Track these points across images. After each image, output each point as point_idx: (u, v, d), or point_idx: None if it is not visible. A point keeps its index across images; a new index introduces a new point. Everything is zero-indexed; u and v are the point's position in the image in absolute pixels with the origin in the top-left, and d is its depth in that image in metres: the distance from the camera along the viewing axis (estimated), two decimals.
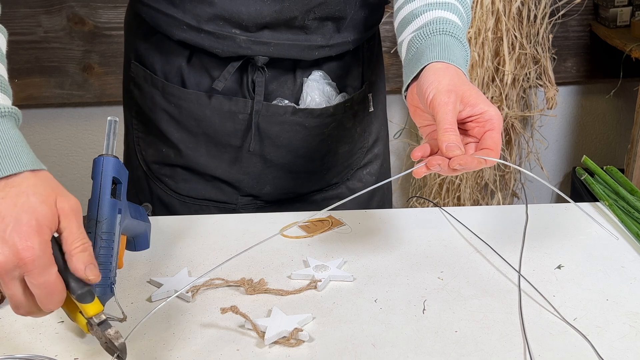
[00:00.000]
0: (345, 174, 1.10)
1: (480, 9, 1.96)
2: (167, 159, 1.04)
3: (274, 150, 1.02)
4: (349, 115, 1.04)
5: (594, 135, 2.42)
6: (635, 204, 0.96)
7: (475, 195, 2.23)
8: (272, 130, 1.00)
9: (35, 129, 2.31)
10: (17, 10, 2.10)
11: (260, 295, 0.79)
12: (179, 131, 1.01)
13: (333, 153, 1.06)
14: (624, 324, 0.73)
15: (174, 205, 1.07)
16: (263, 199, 1.07)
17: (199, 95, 0.98)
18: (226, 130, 1.00)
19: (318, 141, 1.03)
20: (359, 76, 1.05)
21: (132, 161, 1.09)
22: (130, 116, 1.07)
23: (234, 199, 1.06)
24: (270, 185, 1.05)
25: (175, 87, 0.99)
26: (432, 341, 0.70)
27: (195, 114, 1.00)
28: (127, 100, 1.08)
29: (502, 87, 2.07)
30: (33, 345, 0.71)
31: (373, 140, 1.12)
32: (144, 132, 1.05)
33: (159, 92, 1.00)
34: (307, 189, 1.08)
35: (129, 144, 1.09)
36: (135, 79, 1.03)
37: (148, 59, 1.01)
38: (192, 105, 0.99)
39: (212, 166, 1.03)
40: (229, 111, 0.98)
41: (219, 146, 1.02)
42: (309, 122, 1.00)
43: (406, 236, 0.92)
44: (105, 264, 0.71)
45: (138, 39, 1.02)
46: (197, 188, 1.05)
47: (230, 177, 1.04)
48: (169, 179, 1.05)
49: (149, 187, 1.07)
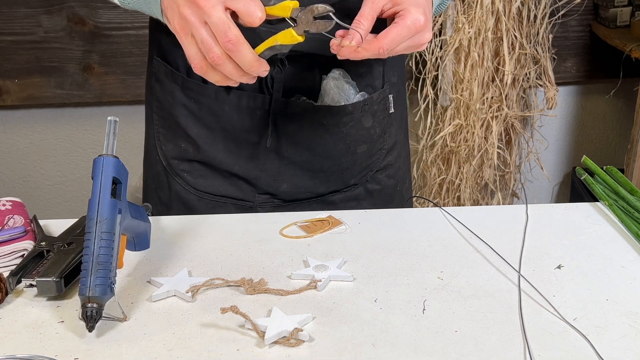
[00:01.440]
0: (364, 175, 1.09)
1: (480, 9, 1.96)
2: (186, 155, 1.05)
3: (292, 148, 1.02)
4: (367, 115, 1.04)
5: (594, 135, 2.42)
6: (635, 204, 0.96)
7: (475, 195, 2.23)
8: (289, 127, 1.00)
9: (35, 129, 2.31)
10: (17, 10, 2.11)
11: (260, 295, 0.79)
12: (198, 127, 1.02)
13: (352, 153, 1.05)
14: (624, 324, 0.73)
15: (192, 201, 1.07)
16: (280, 197, 1.07)
17: (218, 90, 0.99)
18: (244, 126, 1.00)
19: (336, 140, 1.03)
20: (380, 76, 1.04)
21: (152, 156, 1.10)
22: (151, 111, 1.08)
23: (252, 196, 1.06)
24: (287, 184, 1.05)
25: (194, 83, 1.00)
26: (432, 341, 0.70)
27: (213, 110, 1.00)
28: (148, 96, 1.09)
29: (502, 87, 2.07)
30: (33, 345, 0.71)
31: (393, 142, 1.11)
32: (164, 128, 1.06)
33: (178, 88, 1.01)
34: (324, 189, 1.08)
35: (149, 139, 1.10)
36: (157, 75, 1.05)
37: (170, 55, 1.02)
38: (210, 100, 1.00)
39: (230, 162, 1.03)
40: (247, 107, 0.99)
41: (237, 142, 1.02)
42: (327, 120, 1.00)
43: (406, 236, 0.92)
44: (105, 264, 0.71)
45: (161, 34, 1.03)
46: (215, 184, 1.06)
47: (247, 174, 1.04)
48: (188, 174, 1.06)
49: (167, 182, 1.08)
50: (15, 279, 0.79)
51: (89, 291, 0.70)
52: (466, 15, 1.99)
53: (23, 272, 0.80)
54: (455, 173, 2.17)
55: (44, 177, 2.39)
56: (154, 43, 1.06)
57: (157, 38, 1.05)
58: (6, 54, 2.16)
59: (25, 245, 0.87)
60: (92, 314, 0.70)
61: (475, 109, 2.06)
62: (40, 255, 0.84)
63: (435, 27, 2.05)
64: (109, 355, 0.69)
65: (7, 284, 0.79)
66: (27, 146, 2.35)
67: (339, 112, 1.00)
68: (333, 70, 1.00)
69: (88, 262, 0.71)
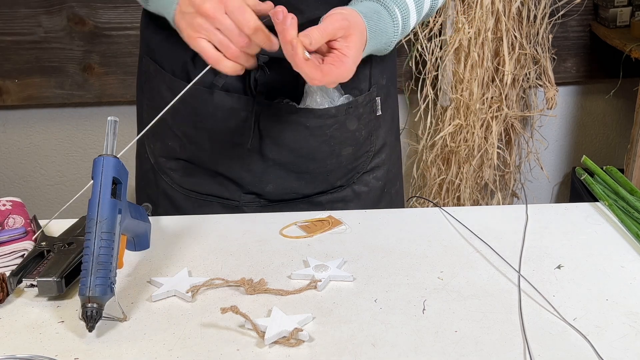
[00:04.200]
0: (350, 177, 1.09)
1: (480, 9, 1.96)
2: (173, 153, 1.06)
3: (275, 149, 1.02)
4: (352, 118, 1.03)
5: (594, 135, 2.42)
6: (635, 204, 0.96)
7: (475, 196, 2.23)
8: (273, 128, 1.00)
9: (35, 129, 2.31)
10: (17, 10, 2.11)
11: (260, 295, 0.79)
12: (184, 126, 1.03)
13: (336, 155, 1.05)
14: (624, 324, 0.73)
15: (179, 200, 1.07)
16: (266, 198, 1.07)
17: (202, 91, 0.99)
18: (228, 127, 1.01)
19: (320, 142, 1.03)
20: (367, 79, 1.04)
21: (142, 154, 1.11)
22: (142, 110, 1.09)
23: (237, 196, 1.06)
24: (272, 184, 1.05)
25: (180, 82, 1.00)
26: (432, 341, 0.71)
27: (198, 110, 1.00)
28: (139, 95, 1.10)
29: (502, 87, 2.07)
30: (33, 345, 0.71)
31: (380, 145, 1.10)
32: (152, 126, 1.06)
33: (165, 87, 1.02)
34: (310, 190, 1.08)
35: (140, 138, 1.10)
36: (146, 73, 1.06)
37: (158, 54, 1.03)
38: (195, 100, 1.00)
39: (215, 162, 1.04)
40: (231, 108, 0.99)
41: (222, 142, 1.02)
42: (310, 122, 1.00)
43: (406, 236, 0.92)
44: (105, 264, 0.71)
45: (150, 33, 1.04)
46: (201, 183, 1.06)
47: (232, 174, 1.04)
48: (174, 172, 1.07)
49: (155, 180, 1.09)
50: (16, 279, 0.79)
51: (89, 291, 0.70)
52: (466, 16, 1.99)
53: (24, 272, 0.80)
54: (455, 173, 2.17)
55: (44, 177, 2.39)
56: (143, 42, 1.07)
57: (146, 37, 1.05)
58: (6, 54, 2.16)
59: (25, 246, 0.87)
60: (92, 314, 0.70)
61: (475, 109, 2.06)
62: (41, 256, 0.84)
63: (435, 27, 2.06)
64: (109, 355, 0.69)
65: (8, 284, 0.79)
66: (27, 146, 2.35)
67: (322, 115, 1.00)
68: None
69: (88, 262, 0.71)
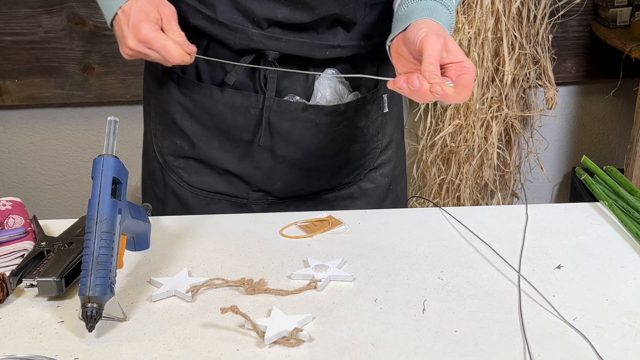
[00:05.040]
0: (357, 174, 1.10)
1: (480, 9, 1.96)
2: (181, 151, 1.06)
3: (285, 146, 1.02)
4: (361, 115, 1.04)
5: (594, 135, 2.42)
6: (635, 204, 0.96)
7: (475, 196, 2.23)
8: (283, 126, 1.00)
9: (35, 129, 2.31)
10: (17, 10, 2.11)
11: (260, 295, 0.79)
12: (193, 124, 1.03)
13: (345, 152, 1.06)
14: (624, 324, 0.73)
15: (187, 198, 1.08)
16: (274, 195, 1.07)
17: (212, 88, 0.99)
18: (238, 124, 1.01)
19: (329, 139, 1.03)
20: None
21: (149, 152, 1.11)
22: (149, 108, 1.09)
23: (246, 193, 1.06)
24: (281, 182, 1.06)
25: (189, 80, 1.01)
26: (432, 341, 0.71)
27: (208, 108, 1.01)
28: (146, 93, 1.10)
29: (502, 87, 2.07)
30: (33, 345, 0.71)
31: (387, 142, 1.11)
32: (160, 124, 1.07)
33: (174, 85, 1.03)
34: (318, 187, 1.08)
35: (147, 136, 1.11)
36: (154, 72, 1.06)
37: None
38: (205, 98, 1.00)
39: (224, 160, 1.04)
40: (241, 105, 1.00)
41: (231, 140, 1.03)
42: (320, 119, 1.00)
43: (406, 236, 0.92)
44: (105, 264, 0.71)
45: None
46: (210, 181, 1.06)
47: (241, 172, 1.05)
48: (183, 170, 1.07)
49: (163, 178, 1.09)
50: (16, 279, 0.79)
51: (89, 291, 0.70)
52: (466, 16, 1.99)
53: (24, 272, 0.80)
54: (455, 173, 2.17)
55: (44, 177, 2.39)
56: None
57: None
58: (6, 54, 2.16)
59: (25, 246, 0.87)
60: (92, 314, 0.70)
61: (475, 109, 2.06)
62: (41, 255, 0.84)
63: None
64: (109, 355, 0.69)
65: (8, 284, 0.79)
66: (27, 146, 2.35)
67: (332, 111, 1.01)
68: (326, 70, 1.00)
69: (88, 262, 0.71)
